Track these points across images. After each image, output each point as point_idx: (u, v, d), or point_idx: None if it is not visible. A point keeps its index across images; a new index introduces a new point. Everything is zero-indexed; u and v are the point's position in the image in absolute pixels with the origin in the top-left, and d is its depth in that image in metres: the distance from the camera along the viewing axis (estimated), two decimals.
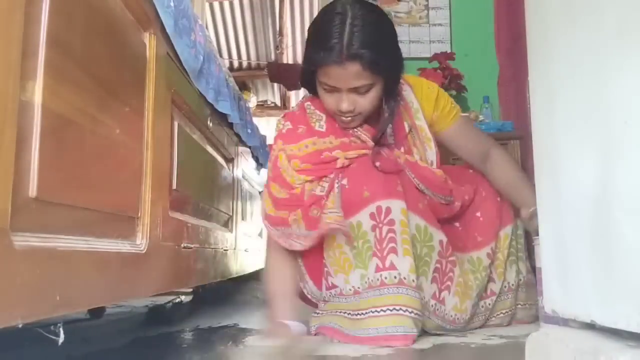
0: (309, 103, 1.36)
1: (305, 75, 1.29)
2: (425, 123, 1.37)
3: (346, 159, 1.27)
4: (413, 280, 1.16)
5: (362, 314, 1.16)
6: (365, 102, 1.23)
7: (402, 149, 1.34)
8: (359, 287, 1.19)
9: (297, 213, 1.25)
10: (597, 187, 0.55)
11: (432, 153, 1.37)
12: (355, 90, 1.20)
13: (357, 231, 1.19)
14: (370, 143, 1.30)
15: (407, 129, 1.36)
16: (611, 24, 0.54)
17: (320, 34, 1.19)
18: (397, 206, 1.19)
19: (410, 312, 1.13)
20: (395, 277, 1.15)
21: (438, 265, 1.26)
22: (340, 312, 1.22)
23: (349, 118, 1.25)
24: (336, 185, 1.24)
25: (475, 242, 1.38)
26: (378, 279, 1.16)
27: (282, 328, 1.19)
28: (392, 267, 1.15)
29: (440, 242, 1.27)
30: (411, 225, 1.20)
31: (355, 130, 1.31)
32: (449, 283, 1.28)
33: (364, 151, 1.28)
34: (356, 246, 1.19)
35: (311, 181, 1.27)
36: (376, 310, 1.14)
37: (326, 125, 1.32)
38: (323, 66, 1.18)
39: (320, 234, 1.21)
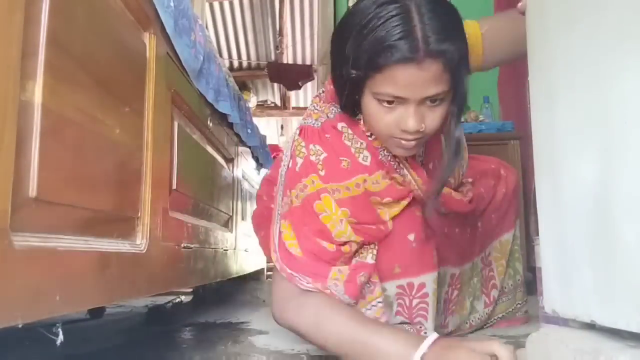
0: (344, 125, 1.00)
1: (347, 88, 0.93)
2: None
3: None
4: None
5: None
6: (435, 118, 0.91)
7: (434, 164, 1.12)
8: None
9: (342, 270, 0.96)
10: (597, 187, 0.55)
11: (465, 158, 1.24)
12: (426, 100, 0.89)
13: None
14: (414, 186, 1.04)
15: (443, 144, 1.06)
16: (611, 24, 0.54)
17: (372, 29, 0.84)
18: (430, 279, 1.05)
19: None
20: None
21: (446, 297, 1.21)
22: None
23: (414, 142, 0.93)
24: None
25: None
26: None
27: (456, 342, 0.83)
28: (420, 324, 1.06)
29: (452, 275, 1.23)
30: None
31: (401, 166, 1.02)
32: (454, 308, 1.25)
33: (405, 202, 1.03)
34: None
35: (362, 243, 1.00)
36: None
37: (371, 158, 0.99)
38: (386, 70, 0.85)
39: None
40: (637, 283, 0.49)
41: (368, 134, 1.00)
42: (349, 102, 0.97)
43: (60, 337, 0.58)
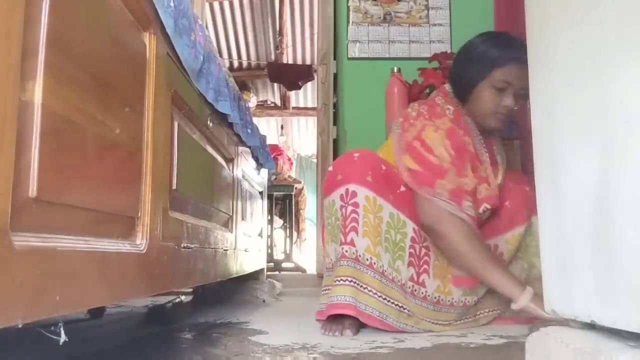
0: (439, 97, 1.53)
1: (466, 84, 1.47)
2: None
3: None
4: (367, 259, 1.33)
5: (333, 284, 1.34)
6: (520, 105, 1.44)
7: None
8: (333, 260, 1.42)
9: (449, 177, 1.37)
10: (597, 187, 0.55)
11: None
12: (523, 90, 1.35)
13: (331, 209, 1.40)
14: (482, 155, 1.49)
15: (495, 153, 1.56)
16: (611, 24, 0.54)
17: (497, 42, 1.44)
18: (362, 193, 1.35)
19: (352, 282, 1.31)
20: (353, 253, 1.33)
21: (412, 250, 1.41)
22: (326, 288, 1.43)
23: (504, 117, 1.44)
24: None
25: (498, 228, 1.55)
26: (339, 252, 1.35)
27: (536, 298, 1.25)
28: (352, 243, 1.34)
29: (413, 229, 1.42)
30: (385, 213, 1.37)
31: (485, 152, 1.48)
32: (425, 267, 1.42)
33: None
34: (330, 223, 1.41)
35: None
36: (337, 280, 1.33)
37: (454, 116, 1.47)
38: (506, 65, 1.40)
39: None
40: (637, 283, 0.49)
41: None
42: (464, 91, 1.49)
43: (63, 337, 0.59)
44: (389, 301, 1.34)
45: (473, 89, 1.46)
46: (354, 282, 1.31)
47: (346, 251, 1.34)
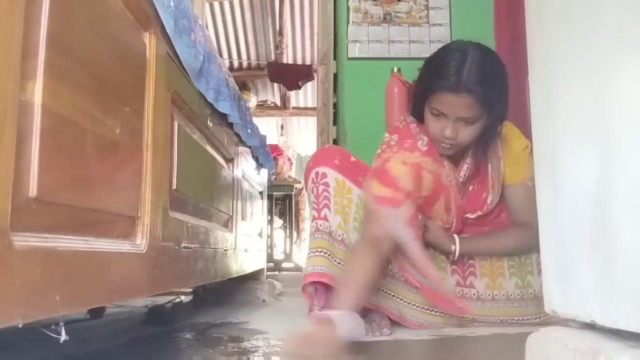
0: (414, 125, 1.48)
1: (417, 99, 1.42)
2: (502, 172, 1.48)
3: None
4: (339, 235, 1.39)
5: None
6: (467, 134, 1.34)
7: (474, 188, 1.47)
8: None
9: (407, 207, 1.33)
10: (597, 187, 0.55)
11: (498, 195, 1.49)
12: (461, 119, 1.31)
13: (309, 196, 1.46)
14: (448, 179, 1.43)
15: (490, 171, 1.47)
16: (611, 24, 0.54)
17: (440, 66, 1.32)
18: (332, 175, 1.42)
19: (325, 254, 1.35)
20: (327, 228, 1.39)
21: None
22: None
23: (449, 145, 1.36)
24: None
25: None
26: (313, 227, 1.41)
27: (321, 328, 1.08)
28: (325, 218, 1.40)
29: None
30: (354, 195, 1.42)
31: (445, 162, 1.43)
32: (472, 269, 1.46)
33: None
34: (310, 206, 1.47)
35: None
36: (311, 252, 1.38)
37: (427, 147, 1.43)
38: (438, 93, 1.30)
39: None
40: (637, 283, 0.49)
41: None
42: (417, 111, 1.44)
43: (64, 336, 0.58)
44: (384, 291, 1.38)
45: (422, 111, 1.39)
46: (328, 254, 1.36)
47: (320, 225, 1.39)
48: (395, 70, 2.71)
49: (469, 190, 1.48)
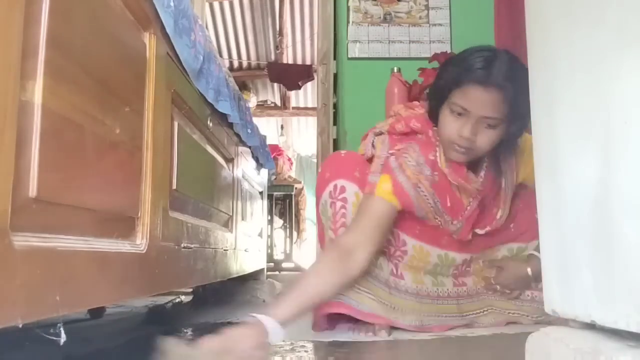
0: (435, 152, 1.32)
1: (436, 96, 1.28)
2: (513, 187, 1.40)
3: None
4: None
5: None
6: (485, 139, 1.22)
7: (485, 203, 1.37)
8: None
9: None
10: (598, 187, 0.55)
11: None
12: (484, 120, 1.20)
13: (324, 208, 1.39)
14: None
15: (503, 186, 1.37)
16: (611, 24, 0.54)
17: (468, 60, 1.21)
18: (351, 189, 1.35)
19: None
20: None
21: (386, 250, 1.39)
22: None
23: (464, 150, 1.23)
24: None
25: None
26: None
27: (249, 330, 0.96)
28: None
29: (392, 232, 1.38)
30: None
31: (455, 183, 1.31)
32: (397, 261, 1.41)
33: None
34: (325, 223, 1.39)
35: None
36: None
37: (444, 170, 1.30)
38: (464, 86, 1.19)
39: None
40: (637, 283, 0.49)
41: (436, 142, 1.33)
42: (433, 112, 1.30)
43: (63, 337, 0.58)
44: (374, 298, 1.34)
45: (439, 111, 1.27)
46: None
47: None
48: (395, 70, 2.71)
49: (486, 204, 1.38)
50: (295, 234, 5.39)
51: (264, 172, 2.56)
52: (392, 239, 1.40)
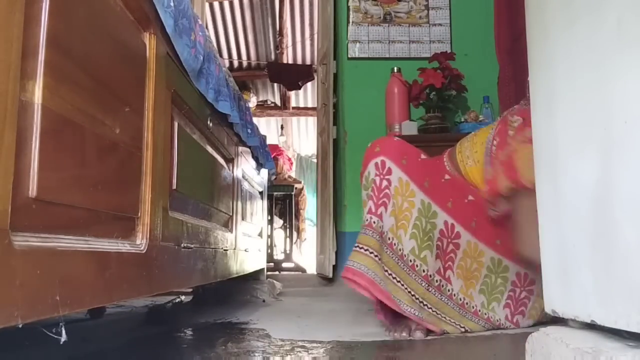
0: None
1: None
2: None
3: None
4: (389, 238, 1.34)
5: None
6: None
7: None
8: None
9: None
10: (597, 187, 0.55)
11: None
12: None
13: (367, 181, 1.41)
14: None
15: None
16: (611, 23, 0.54)
17: None
18: (396, 174, 1.38)
19: (375, 255, 1.32)
20: (380, 227, 1.35)
21: (439, 243, 1.38)
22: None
23: None
24: None
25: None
26: (366, 219, 1.37)
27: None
28: (380, 217, 1.36)
29: (445, 222, 1.38)
30: (417, 199, 1.37)
31: None
32: (450, 263, 1.39)
33: None
34: (367, 194, 1.40)
35: None
36: (359, 247, 1.35)
37: None
38: None
39: None
40: (637, 283, 0.49)
41: None
42: None
43: (64, 336, 0.58)
44: (402, 285, 1.32)
45: None
46: (377, 257, 1.32)
47: (374, 222, 1.35)
48: (395, 70, 2.71)
49: None
50: (295, 234, 5.39)
51: (264, 172, 2.56)
52: (444, 229, 1.38)
